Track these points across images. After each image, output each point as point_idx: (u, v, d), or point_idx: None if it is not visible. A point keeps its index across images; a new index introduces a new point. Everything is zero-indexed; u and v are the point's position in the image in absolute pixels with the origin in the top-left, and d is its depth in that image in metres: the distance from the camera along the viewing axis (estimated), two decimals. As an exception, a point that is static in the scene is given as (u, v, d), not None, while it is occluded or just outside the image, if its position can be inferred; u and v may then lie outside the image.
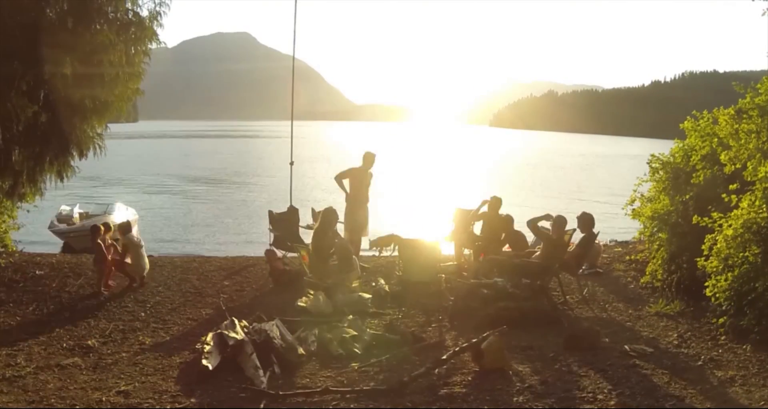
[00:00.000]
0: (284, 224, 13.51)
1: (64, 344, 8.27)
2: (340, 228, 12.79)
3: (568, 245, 11.49)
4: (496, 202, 13.08)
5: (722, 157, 9.19)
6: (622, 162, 72.23)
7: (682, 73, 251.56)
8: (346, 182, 13.37)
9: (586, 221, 11.29)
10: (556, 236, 11.11)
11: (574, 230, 11.23)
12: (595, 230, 11.35)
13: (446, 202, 17.27)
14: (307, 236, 13.95)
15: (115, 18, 11.38)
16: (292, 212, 13.95)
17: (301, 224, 13.97)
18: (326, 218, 11.74)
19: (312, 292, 10.50)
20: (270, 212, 13.98)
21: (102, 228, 11.68)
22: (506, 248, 12.60)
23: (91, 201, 26.79)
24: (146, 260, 11.80)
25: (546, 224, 11.72)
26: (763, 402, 6.46)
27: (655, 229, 11.86)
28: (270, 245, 13.34)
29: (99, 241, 11.30)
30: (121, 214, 23.39)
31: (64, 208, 22.75)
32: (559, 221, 11.34)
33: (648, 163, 12.55)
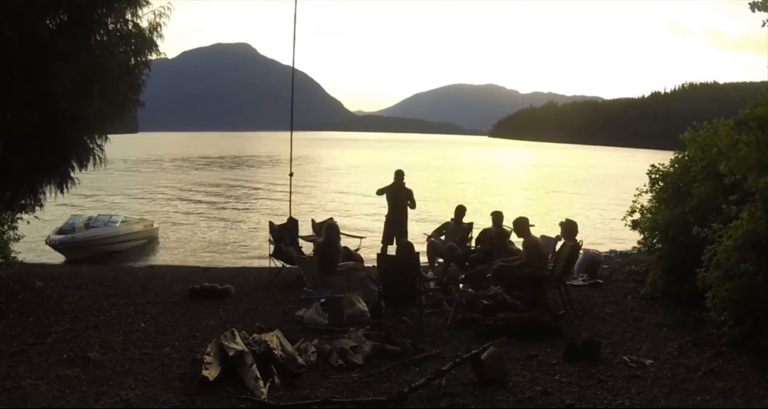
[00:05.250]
0: (284, 235, 13.52)
1: (65, 355, 8.25)
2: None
3: (576, 253, 11.56)
4: (496, 218, 13.29)
5: (722, 167, 9.20)
6: (622, 172, 72.18)
7: (682, 85, 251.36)
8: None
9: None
10: (568, 241, 11.18)
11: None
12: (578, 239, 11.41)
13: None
14: (306, 247, 14.01)
15: (115, 29, 11.42)
16: (292, 224, 13.97)
17: (300, 234, 14.01)
18: (329, 232, 11.93)
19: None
20: (270, 223, 14.01)
21: None
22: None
23: (92, 212, 26.78)
24: None
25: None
26: (763, 413, 6.47)
27: (655, 240, 11.88)
28: (270, 256, 13.35)
29: None
30: (124, 225, 23.46)
31: (70, 219, 22.82)
32: (568, 226, 11.38)
33: (648, 173, 12.57)
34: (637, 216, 12.75)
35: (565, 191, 51.02)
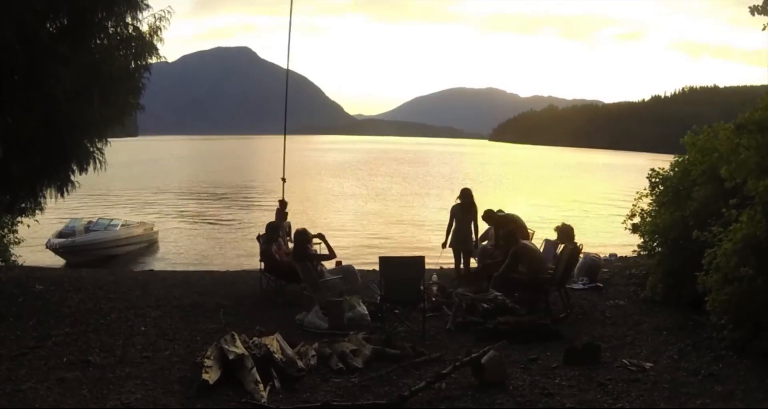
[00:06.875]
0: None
1: (65, 359, 8.25)
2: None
3: (576, 256, 11.57)
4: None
5: (722, 171, 9.20)
6: (623, 176, 72.29)
7: (683, 88, 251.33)
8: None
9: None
10: (563, 245, 11.19)
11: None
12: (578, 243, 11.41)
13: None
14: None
15: (115, 32, 11.42)
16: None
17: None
18: (297, 238, 11.79)
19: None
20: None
21: None
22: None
23: (93, 216, 26.83)
24: None
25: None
26: (763, 417, 6.46)
27: (655, 243, 11.88)
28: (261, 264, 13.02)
29: None
30: (124, 229, 23.51)
31: (70, 222, 22.89)
32: (564, 230, 11.40)
33: (648, 177, 12.58)
34: (637, 220, 12.76)
35: (563, 193, 50.96)
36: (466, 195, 13.43)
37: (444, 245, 13.58)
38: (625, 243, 18.19)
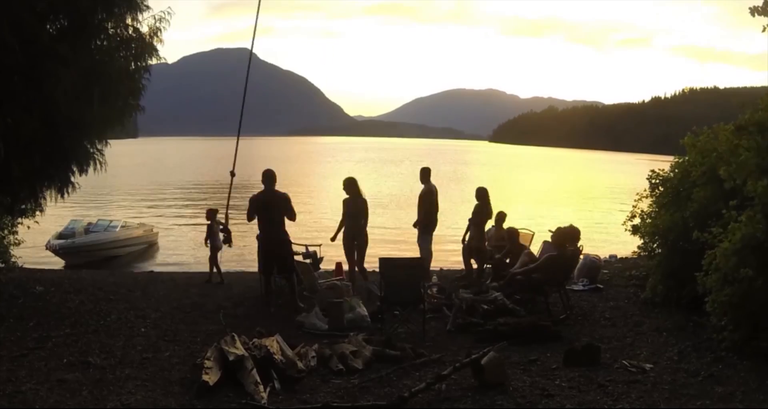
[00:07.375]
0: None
1: (65, 360, 8.24)
2: None
3: (576, 258, 11.58)
4: (500, 217, 13.39)
5: (722, 172, 9.19)
6: (622, 177, 72.24)
7: (683, 90, 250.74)
8: None
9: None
10: (557, 250, 11.15)
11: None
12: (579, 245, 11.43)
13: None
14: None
15: (115, 34, 11.41)
16: None
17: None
18: None
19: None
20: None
21: None
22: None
23: (94, 217, 26.77)
24: None
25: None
26: (763, 418, 6.46)
27: (655, 244, 11.88)
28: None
29: None
30: (123, 230, 23.47)
31: (69, 223, 22.85)
32: (559, 234, 11.39)
33: (648, 179, 12.58)
34: (637, 221, 12.76)
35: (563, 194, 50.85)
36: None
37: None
38: (625, 243, 18.21)
